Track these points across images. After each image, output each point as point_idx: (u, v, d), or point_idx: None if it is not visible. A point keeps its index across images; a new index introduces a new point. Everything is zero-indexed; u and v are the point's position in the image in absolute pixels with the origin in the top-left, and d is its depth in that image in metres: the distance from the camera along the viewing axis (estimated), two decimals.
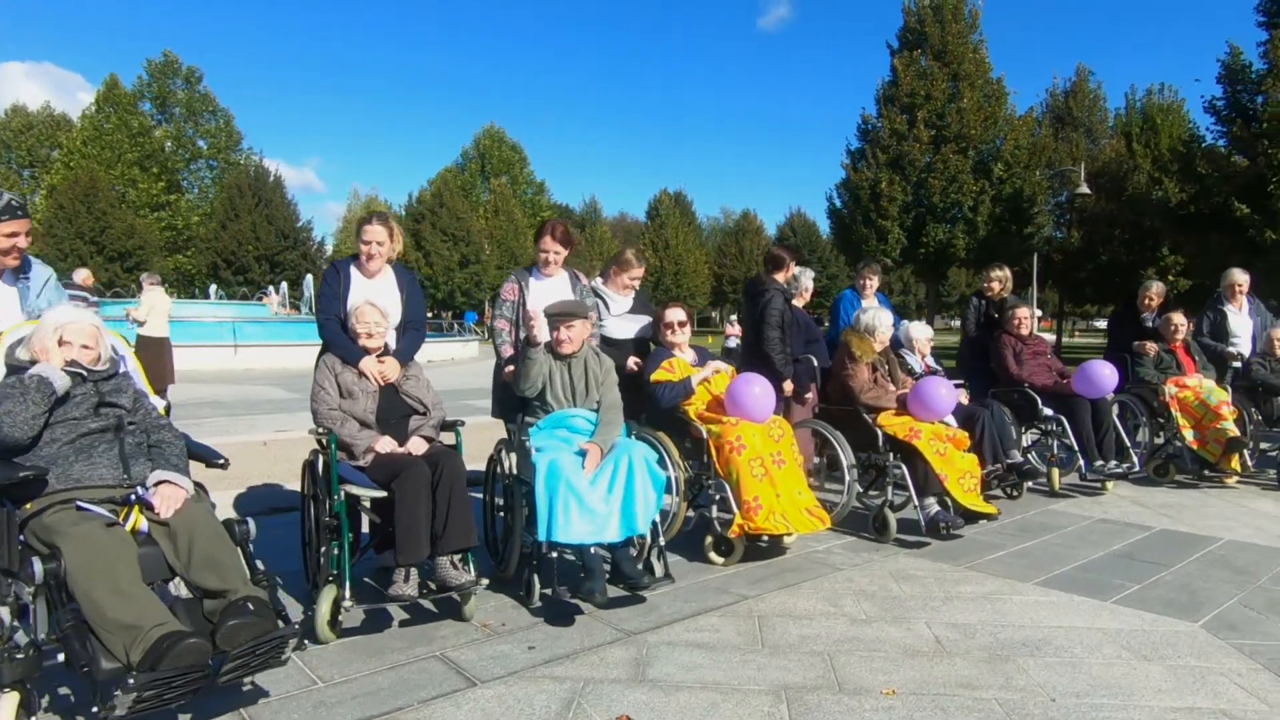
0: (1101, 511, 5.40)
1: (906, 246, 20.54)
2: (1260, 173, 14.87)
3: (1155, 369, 6.73)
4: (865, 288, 6.71)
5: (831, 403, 5.05)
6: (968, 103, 20.04)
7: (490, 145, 63.07)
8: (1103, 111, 31.10)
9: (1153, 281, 7.22)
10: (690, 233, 63.86)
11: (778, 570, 4.07)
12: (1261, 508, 5.54)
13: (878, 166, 20.66)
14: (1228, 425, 6.05)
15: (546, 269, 4.60)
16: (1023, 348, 6.42)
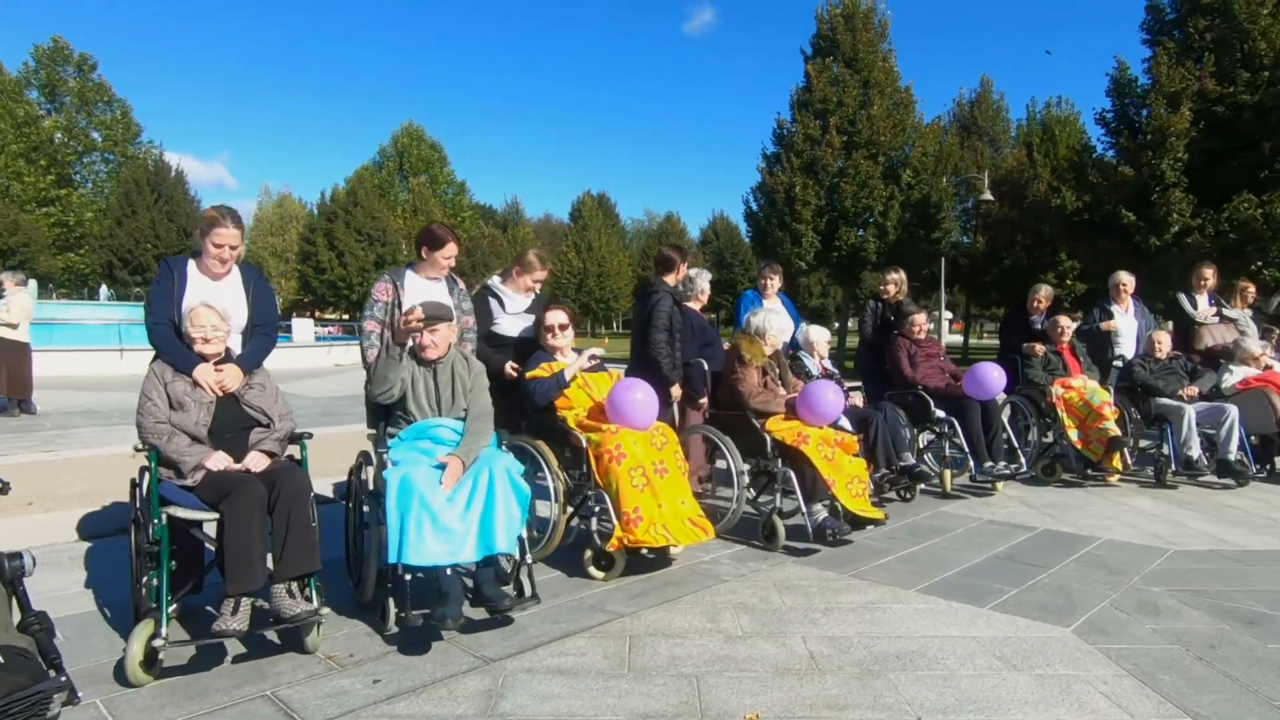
0: (990, 513, 5.45)
1: (820, 250, 20.87)
2: (1145, 182, 15.64)
3: (1043, 370, 6.88)
4: (766, 288, 6.66)
5: (722, 408, 4.93)
6: (878, 110, 20.50)
7: (409, 143, 61.59)
8: (1005, 122, 32.47)
9: (1042, 285, 7.40)
10: (613, 235, 63.81)
11: (659, 584, 3.90)
12: (1139, 505, 5.69)
13: (792, 171, 20.93)
14: (1109, 425, 6.21)
15: (432, 271, 4.35)
16: (917, 350, 6.46)
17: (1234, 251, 15.04)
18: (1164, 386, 6.74)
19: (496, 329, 4.86)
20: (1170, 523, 5.17)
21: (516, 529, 3.28)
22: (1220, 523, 5.17)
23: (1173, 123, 15.21)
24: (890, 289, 6.80)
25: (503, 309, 4.89)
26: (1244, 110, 14.97)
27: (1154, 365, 6.98)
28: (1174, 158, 15.39)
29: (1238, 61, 15.25)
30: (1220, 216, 14.94)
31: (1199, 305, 7.78)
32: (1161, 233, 15.31)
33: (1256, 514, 5.42)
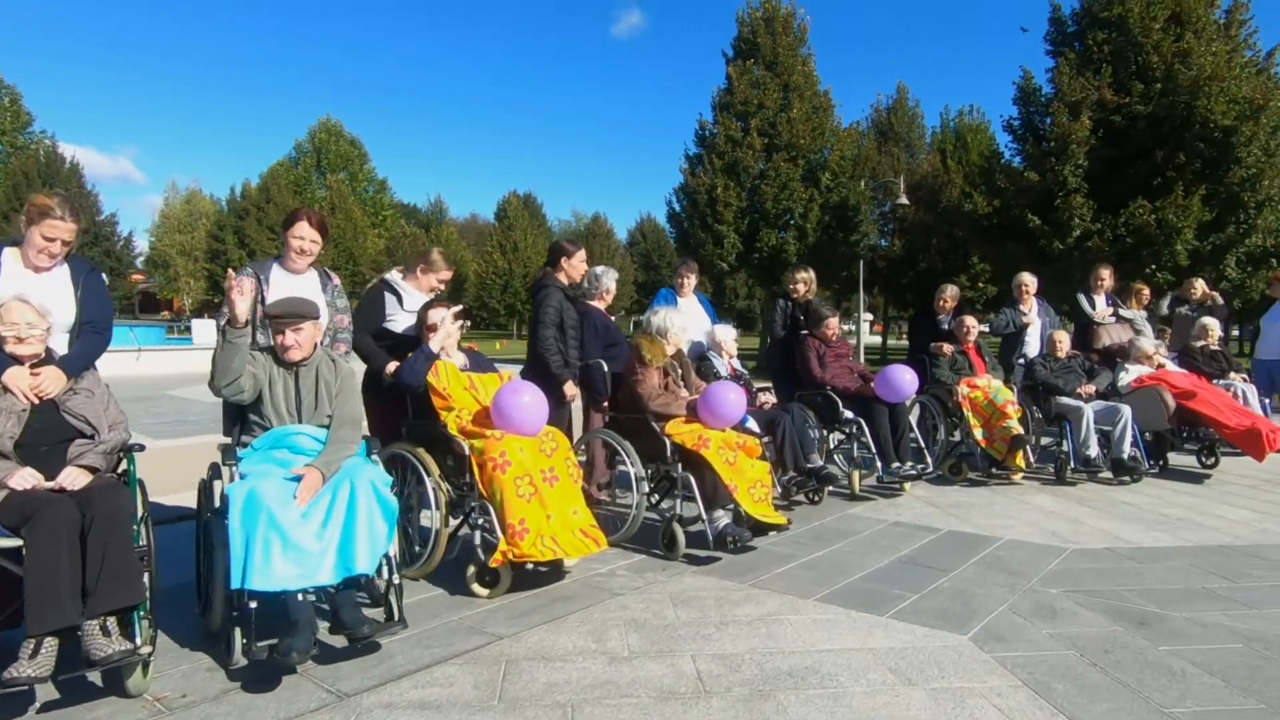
0: (896, 514, 5.39)
1: (742, 251, 20.97)
2: (1049, 188, 16.20)
3: (950, 370, 6.91)
4: (682, 286, 6.48)
5: (622, 410, 4.71)
6: (797, 113, 20.72)
7: (327, 139, 59.65)
8: (920, 128, 33.44)
9: (948, 286, 7.45)
10: (540, 235, 63.12)
11: (548, 600, 3.65)
12: (1040, 503, 5.73)
13: (714, 172, 20.97)
14: (1012, 424, 6.26)
15: (295, 262, 3.99)
16: (826, 350, 6.38)
17: (1130, 255, 15.71)
18: (1063, 385, 6.84)
19: (390, 324, 4.55)
20: (1069, 520, 5.19)
21: (382, 547, 2.99)
22: (1115, 519, 5.22)
23: (1074, 131, 15.80)
24: (800, 288, 6.72)
25: (400, 305, 4.58)
26: (1138, 120, 15.66)
27: (1054, 364, 7.09)
28: (1075, 164, 15.98)
29: (1133, 74, 15.95)
30: (1118, 221, 15.59)
31: (1097, 306, 7.98)
32: (1064, 236, 15.87)
33: (1149, 510, 5.51)
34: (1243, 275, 16.65)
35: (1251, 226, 15.64)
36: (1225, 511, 5.46)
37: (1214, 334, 8.59)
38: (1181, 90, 15.11)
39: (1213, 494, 6.05)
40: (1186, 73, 15.07)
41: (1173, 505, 5.66)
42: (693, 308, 6.39)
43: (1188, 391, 6.82)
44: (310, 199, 55.23)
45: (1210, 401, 6.69)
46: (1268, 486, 6.32)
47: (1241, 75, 15.31)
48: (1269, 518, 5.27)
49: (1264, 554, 4.42)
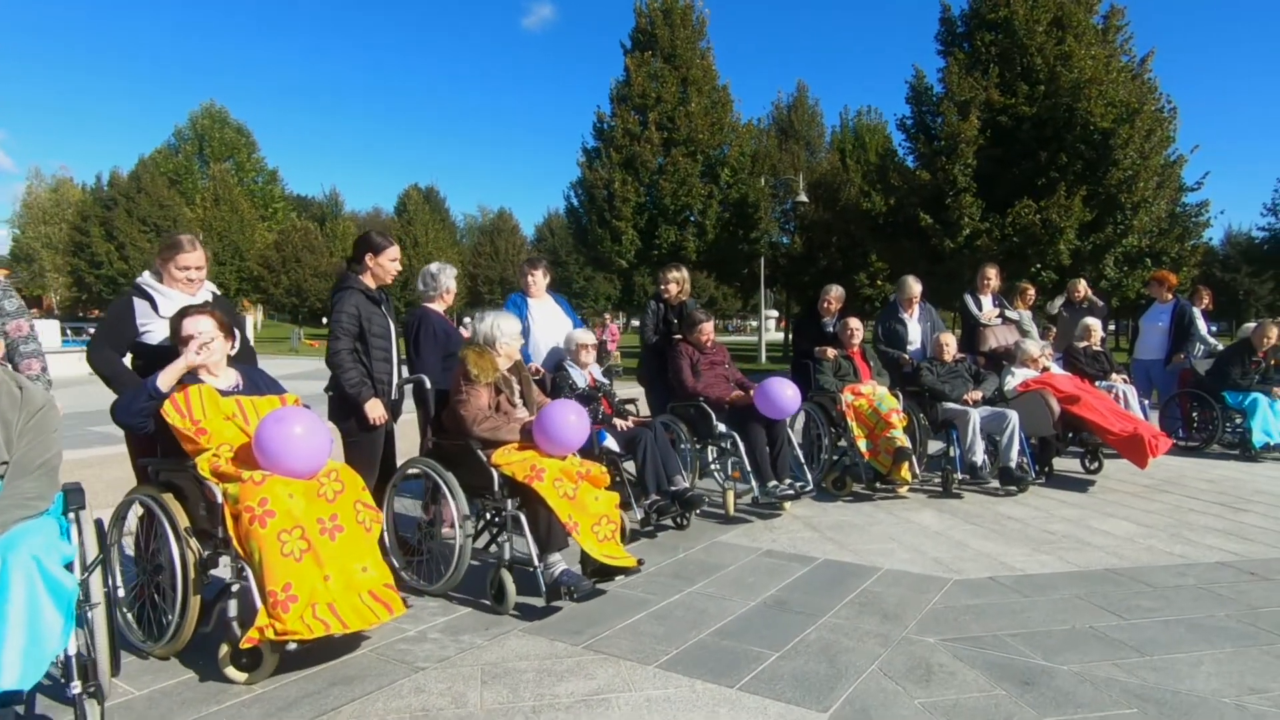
0: (771, 540, 4.87)
1: (641, 248, 20.45)
2: (940, 186, 16.31)
3: (833, 376, 6.49)
4: (531, 287, 5.80)
5: (446, 435, 4.00)
6: (695, 107, 20.34)
7: (210, 125, 56.08)
8: (820, 127, 33.76)
9: (832, 286, 7.03)
10: (443, 231, 61.21)
11: (325, 684, 2.92)
12: (924, 521, 5.33)
13: (612, 166, 20.37)
14: (897, 434, 5.85)
15: None
16: (700, 358, 5.83)
17: (1017, 254, 15.98)
18: (950, 391, 6.52)
19: (146, 337, 3.69)
20: (952, 543, 4.79)
21: (50, 649, 2.20)
22: (1000, 539, 4.85)
23: (963, 130, 15.94)
24: (671, 288, 6.15)
25: (155, 311, 3.71)
26: (1024, 121, 15.94)
27: (940, 368, 6.77)
28: (964, 163, 16.14)
29: (1019, 75, 16.22)
30: (1005, 221, 15.82)
31: (983, 306, 7.74)
32: (955, 235, 16.00)
33: (1035, 526, 5.18)
34: (1120, 275, 17.20)
35: (1128, 227, 16.13)
36: (1110, 525, 5.18)
37: (1096, 334, 8.51)
38: (1063, 92, 15.42)
39: (1097, 504, 5.80)
40: (1068, 75, 15.39)
41: (1057, 519, 5.36)
42: (547, 311, 5.74)
43: (1072, 396, 6.60)
44: (191, 189, 51.87)
45: (1094, 406, 6.48)
46: (1149, 494, 6.14)
47: (1119, 79, 15.76)
48: (1152, 533, 5.00)
49: (1150, 578, 4.09)
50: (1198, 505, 5.76)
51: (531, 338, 5.65)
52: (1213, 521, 5.28)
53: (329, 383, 4.06)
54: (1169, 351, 8.69)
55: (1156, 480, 6.61)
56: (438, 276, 4.80)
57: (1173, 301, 8.80)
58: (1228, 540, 4.81)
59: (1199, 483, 6.57)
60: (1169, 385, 8.78)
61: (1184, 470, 7.13)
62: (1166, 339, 8.72)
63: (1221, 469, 7.22)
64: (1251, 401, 7.74)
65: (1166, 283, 8.95)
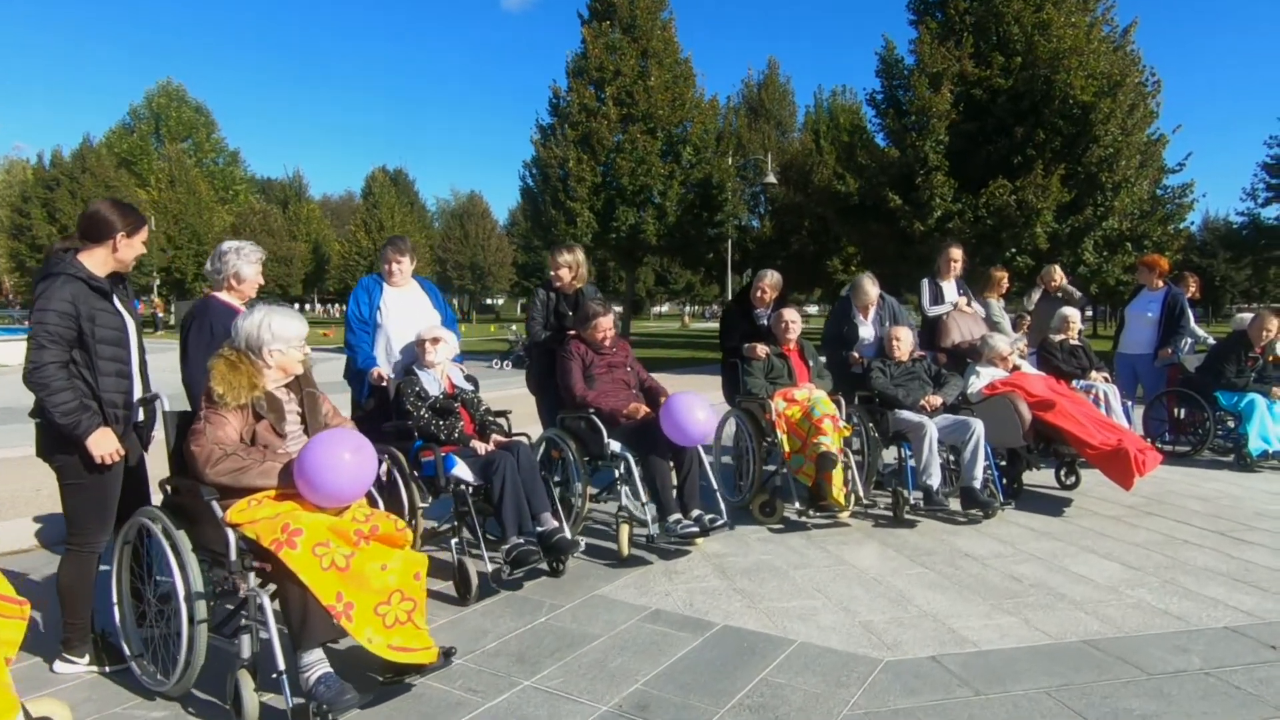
0: (665, 592, 3.84)
1: (598, 231, 19.29)
2: (910, 164, 15.30)
3: (765, 378, 5.46)
4: (392, 273, 4.73)
5: (184, 477, 2.90)
6: (656, 81, 19.12)
7: (166, 104, 53.94)
8: (792, 105, 32.58)
9: (767, 271, 5.95)
10: (411, 214, 59.53)
11: None
12: (862, 561, 4.31)
13: (567, 144, 19.16)
14: (824, 440, 4.82)
15: None
16: (595, 359, 4.77)
17: (991, 237, 15.02)
18: (904, 396, 5.50)
19: None
20: (892, 597, 3.78)
21: None
22: (953, 590, 3.85)
23: (934, 103, 14.91)
24: (563, 274, 5.06)
25: None
26: (999, 95, 14.93)
27: (894, 369, 5.75)
28: (936, 140, 15.11)
29: (994, 45, 15.20)
30: (978, 202, 14.83)
31: (945, 293, 6.72)
32: (926, 217, 15.00)
33: (998, 568, 4.18)
34: (1100, 260, 16.30)
35: (1109, 209, 15.20)
36: (1089, 567, 4.19)
37: (1074, 326, 7.54)
38: (1041, 63, 14.42)
39: (1073, 534, 4.82)
40: (1046, 45, 14.39)
41: (1026, 557, 4.37)
42: (407, 302, 4.65)
43: (1045, 401, 5.61)
44: (147, 170, 49.86)
45: (1070, 413, 5.48)
46: (1134, 519, 5.17)
47: (1100, 50, 14.77)
48: (1141, 578, 4.01)
49: (1141, 657, 3.09)
50: (1192, 535, 4.79)
51: (382, 335, 4.56)
52: (1212, 559, 4.31)
53: (33, 406, 2.94)
54: (1158, 345, 7.74)
55: (1141, 498, 5.66)
56: (225, 256, 3.68)
57: (1164, 289, 7.84)
58: (1234, 591, 3.83)
59: (1191, 502, 5.62)
60: (1156, 382, 7.84)
61: (1172, 484, 6.18)
62: (1156, 331, 7.76)
63: (1215, 482, 6.28)
64: (1248, 403, 6.81)
65: (1158, 268, 7.97)
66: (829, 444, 4.78)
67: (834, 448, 4.79)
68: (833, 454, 4.72)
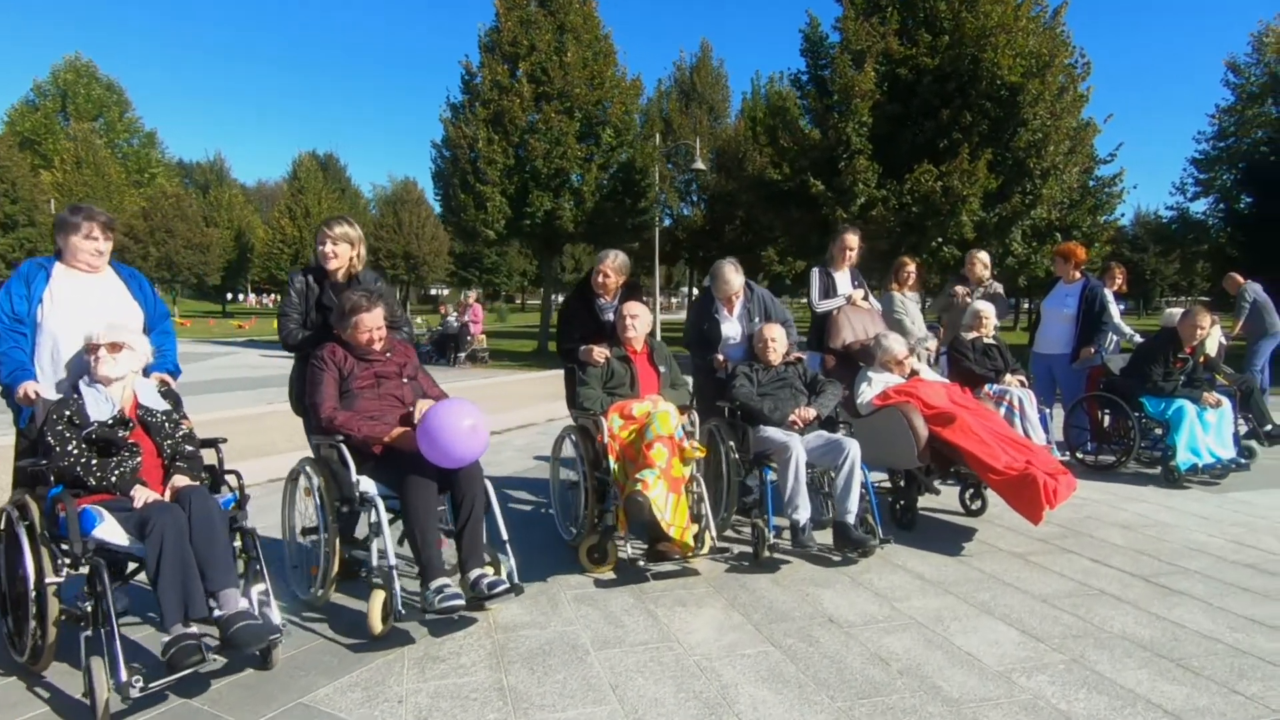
0: (393, 705, 2.76)
1: (511, 217, 18.04)
2: (832, 147, 14.43)
3: (603, 389, 4.40)
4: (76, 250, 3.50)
5: None
6: (573, 58, 17.89)
7: (74, 81, 50.63)
8: (725, 90, 31.62)
9: (610, 252, 4.84)
10: (342, 200, 57.06)
11: None
12: (693, 633, 3.28)
13: (477, 123, 17.84)
14: (646, 475, 3.77)
15: None
16: (357, 368, 3.64)
17: (916, 226, 14.25)
18: (769, 409, 4.50)
19: None
20: (707, 701, 2.75)
21: None
22: (793, 688, 2.84)
23: (857, 82, 14.04)
24: (332, 261, 3.90)
25: None
26: (925, 74, 14.13)
27: (763, 375, 4.75)
28: (859, 121, 14.25)
29: (921, 22, 14.40)
30: (903, 188, 14.03)
31: (838, 284, 5.76)
32: (849, 204, 14.13)
33: (862, 644, 3.19)
34: (1028, 250, 15.67)
35: (1037, 197, 14.54)
36: (980, 636, 3.23)
37: (988, 323, 6.66)
38: (969, 41, 13.64)
39: (969, 582, 3.87)
40: (974, 22, 13.62)
41: (903, 623, 3.39)
42: (94, 292, 3.45)
43: (943, 414, 4.67)
44: (52, 150, 46.71)
45: (973, 429, 4.54)
46: (1044, 557, 4.27)
47: (1028, 28, 14.06)
48: (1042, 654, 3.06)
49: None
50: (1112, 581, 3.89)
51: (47, 338, 3.36)
52: (1134, 621, 3.39)
53: None
54: (1077, 344, 6.92)
55: (1056, 528, 4.78)
56: None
57: (1081, 281, 7.02)
58: (1158, 676, 2.90)
59: (1113, 532, 4.75)
60: (1075, 385, 7.02)
61: (1093, 505, 5.34)
62: (1073, 328, 6.94)
63: (1140, 503, 5.45)
64: (1176, 411, 6.00)
65: (1073, 258, 7.14)
66: (648, 480, 3.74)
67: (656, 484, 3.75)
68: (641, 498, 3.67)
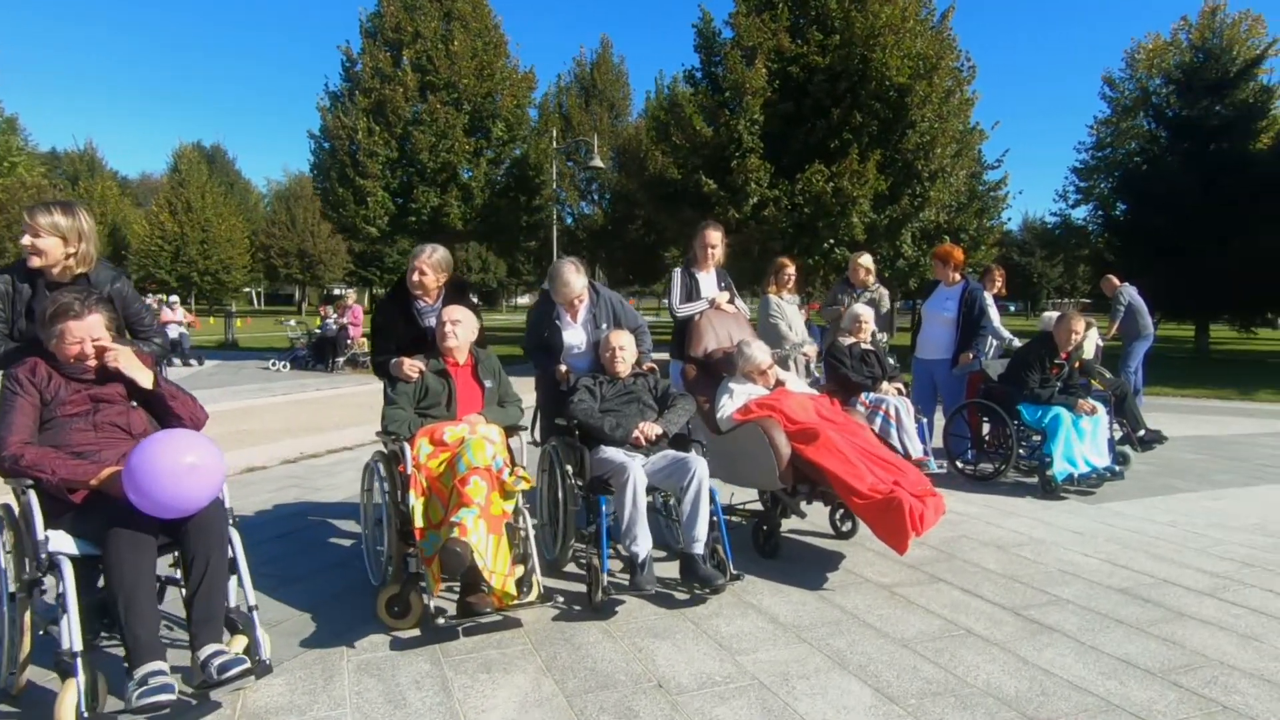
0: None
1: (395, 213, 17.00)
2: (724, 145, 14.11)
3: (414, 409, 3.74)
4: None
5: None
6: (460, 46, 17.03)
7: None
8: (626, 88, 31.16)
9: (426, 245, 4.17)
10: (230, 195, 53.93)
11: None
12: (485, 719, 2.67)
13: (357, 113, 16.75)
14: (463, 517, 3.16)
15: None
16: (64, 390, 2.86)
17: (809, 227, 14.07)
18: (610, 426, 3.94)
19: None
20: None
21: None
22: None
23: (749, 79, 13.76)
24: (35, 259, 3.09)
25: None
26: (816, 73, 13.97)
27: (608, 388, 4.19)
28: (751, 118, 13.97)
29: (812, 20, 14.24)
30: (795, 189, 13.82)
31: (702, 286, 5.27)
32: (741, 204, 13.84)
33: (691, 710, 2.65)
34: (918, 253, 15.78)
35: (926, 200, 14.61)
36: (824, 705, 2.73)
37: (866, 327, 6.34)
38: (858, 41, 13.54)
39: (825, 628, 3.39)
40: (863, 21, 13.52)
41: (743, 684, 2.87)
42: None
43: (807, 429, 4.21)
44: None
45: (837, 448, 4.09)
46: (914, 588, 3.86)
47: (916, 30, 14.09)
48: (895, 718, 2.60)
49: None
50: (981, 619, 3.49)
51: None
52: (1001, 670, 2.98)
53: None
54: (956, 349, 6.67)
55: (930, 550, 4.42)
56: None
57: (961, 284, 6.77)
58: None
59: (987, 555, 4.40)
60: (956, 392, 6.77)
61: (969, 522, 5.02)
62: (954, 332, 6.69)
63: (1017, 518, 5.16)
64: (1052, 419, 5.77)
65: (952, 260, 6.89)
66: (466, 523, 3.12)
67: (476, 526, 3.13)
68: (460, 547, 3.05)
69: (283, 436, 8.40)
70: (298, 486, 6.17)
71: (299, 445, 7.80)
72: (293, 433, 8.58)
